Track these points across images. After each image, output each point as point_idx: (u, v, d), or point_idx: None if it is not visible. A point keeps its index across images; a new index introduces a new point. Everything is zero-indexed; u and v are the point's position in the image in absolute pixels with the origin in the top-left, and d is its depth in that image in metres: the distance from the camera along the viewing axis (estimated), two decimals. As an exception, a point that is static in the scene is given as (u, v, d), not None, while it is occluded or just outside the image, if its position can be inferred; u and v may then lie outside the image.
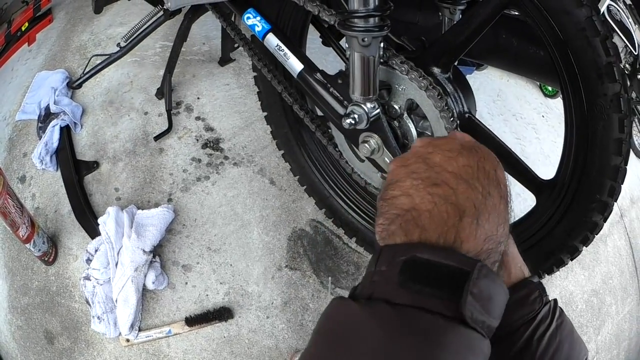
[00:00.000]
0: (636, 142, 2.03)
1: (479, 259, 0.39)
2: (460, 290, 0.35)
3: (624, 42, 1.97)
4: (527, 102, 1.94)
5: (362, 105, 0.90)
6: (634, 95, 1.91)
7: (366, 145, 0.94)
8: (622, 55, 1.95)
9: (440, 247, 0.38)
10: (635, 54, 1.91)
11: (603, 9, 1.88)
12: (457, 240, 0.39)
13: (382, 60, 0.89)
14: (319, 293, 1.35)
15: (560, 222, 0.91)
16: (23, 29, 2.02)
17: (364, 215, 1.28)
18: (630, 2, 1.86)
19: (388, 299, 0.36)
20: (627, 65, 1.93)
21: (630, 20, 1.90)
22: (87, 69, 1.53)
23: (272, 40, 1.02)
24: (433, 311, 0.35)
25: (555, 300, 0.54)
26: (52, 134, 1.57)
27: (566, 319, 0.54)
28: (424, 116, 0.93)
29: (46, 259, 1.41)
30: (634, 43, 1.93)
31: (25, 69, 1.86)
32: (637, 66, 1.89)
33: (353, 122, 0.91)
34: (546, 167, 1.00)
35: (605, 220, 0.86)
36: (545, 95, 2.00)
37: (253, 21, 1.06)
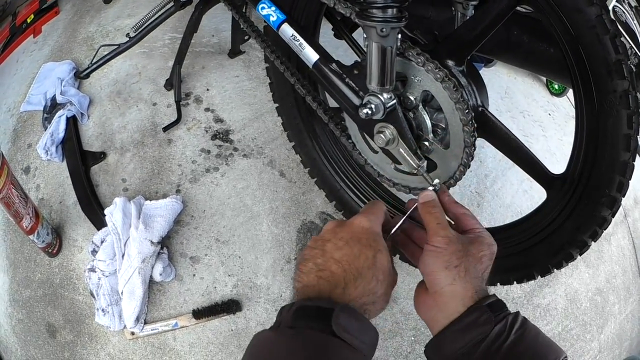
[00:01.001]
0: (640, 143, 2.05)
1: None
2: (329, 318, 0.53)
3: (629, 43, 1.98)
4: (534, 100, 1.95)
5: (379, 96, 0.90)
6: (639, 96, 1.93)
7: (381, 135, 0.94)
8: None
9: (318, 298, 0.57)
10: (640, 54, 1.92)
11: (610, 8, 1.89)
12: (331, 297, 0.57)
13: (398, 52, 0.89)
14: (328, 286, 1.34)
15: (570, 217, 0.91)
16: (28, 20, 2.01)
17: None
18: (637, 4, 1.88)
19: (288, 324, 0.55)
20: (632, 67, 1.95)
21: (635, 22, 1.92)
22: (95, 59, 1.52)
23: (287, 31, 1.02)
24: (315, 329, 0.53)
25: (516, 313, 0.58)
26: (58, 125, 1.56)
27: (529, 326, 0.57)
28: (438, 108, 0.93)
29: (50, 250, 1.40)
30: (639, 44, 1.94)
31: (30, 61, 1.85)
32: (642, 67, 1.91)
33: (370, 112, 0.90)
34: (552, 164, 1.00)
35: (613, 216, 0.87)
36: (552, 93, 2.01)
37: (268, 11, 1.05)
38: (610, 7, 1.87)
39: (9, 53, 1.95)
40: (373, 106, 0.90)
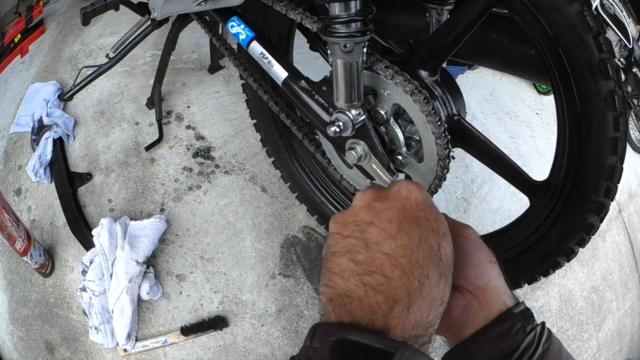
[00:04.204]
0: (633, 137, 2.01)
1: (405, 341, 0.41)
2: None
3: (618, 36, 1.95)
4: (521, 100, 1.92)
5: (347, 112, 0.89)
6: (629, 89, 1.89)
7: (353, 152, 0.93)
8: (616, 49, 1.93)
9: (368, 330, 0.40)
10: (630, 47, 1.89)
11: (596, 2, 1.85)
12: (385, 328, 0.41)
13: (366, 66, 0.87)
14: (314, 300, 1.34)
15: (554, 224, 0.90)
16: (16, 40, 2.03)
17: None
18: (625, -2, 1.84)
19: None
20: (622, 59, 1.91)
21: (624, 13, 1.88)
22: (77, 81, 1.53)
23: (256, 48, 1.01)
24: None
25: (542, 324, 0.54)
26: (46, 147, 1.58)
27: (554, 340, 0.53)
28: (411, 121, 0.92)
29: (43, 270, 1.41)
30: (629, 36, 1.91)
31: (18, 81, 1.87)
32: (632, 60, 1.87)
33: (338, 129, 0.89)
34: (542, 165, 0.98)
35: (601, 221, 0.84)
36: (539, 92, 1.98)
37: (237, 29, 1.04)
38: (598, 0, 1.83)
39: (-2, 73, 1.97)
40: (341, 123, 0.89)
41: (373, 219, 0.44)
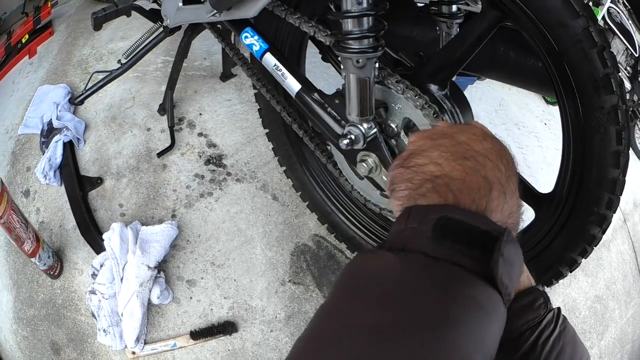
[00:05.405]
0: (638, 144, 2.02)
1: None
2: (491, 251, 0.37)
3: (625, 45, 1.95)
4: (530, 110, 1.93)
5: (359, 126, 0.91)
6: (635, 98, 1.90)
7: (364, 164, 0.95)
8: (623, 57, 1.93)
9: (472, 211, 0.41)
10: (636, 55, 1.90)
11: (604, 11, 1.86)
12: (488, 209, 0.42)
13: (377, 80, 0.89)
14: (322, 307, 1.35)
15: (558, 236, 0.91)
16: (23, 41, 2.04)
17: (365, 231, 1.28)
18: (630, 7, 1.85)
19: (424, 251, 0.38)
20: (628, 68, 1.92)
21: (630, 22, 1.89)
22: (88, 85, 1.54)
23: (269, 60, 1.03)
24: (465, 267, 0.37)
25: (558, 308, 0.56)
26: (56, 150, 1.59)
27: (569, 325, 0.55)
28: (421, 135, 0.93)
29: (52, 272, 1.43)
30: (635, 45, 1.91)
31: (26, 82, 1.88)
32: (638, 68, 1.88)
33: (350, 142, 0.91)
34: (549, 175, 0.99)
35: (603, 233, 0.86)
36: (547, 102, 1.99)
37: (251, 40, 1.06)
38: (605, 8, 1.84)
39: (5, 73, 1.98)
40: (353, 136, 0.91)
41: (459, 130, 0.48)
